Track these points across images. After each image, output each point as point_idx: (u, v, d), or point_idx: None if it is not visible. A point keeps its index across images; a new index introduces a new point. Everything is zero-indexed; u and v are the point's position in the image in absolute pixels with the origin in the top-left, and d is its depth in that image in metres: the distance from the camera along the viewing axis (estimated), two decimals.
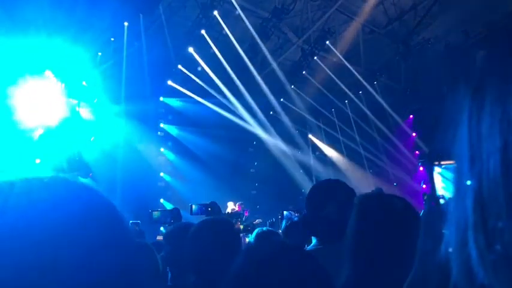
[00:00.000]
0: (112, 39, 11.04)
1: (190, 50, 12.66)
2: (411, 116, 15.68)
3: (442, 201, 0.88)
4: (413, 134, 15.84)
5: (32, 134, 9.74)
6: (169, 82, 13.81)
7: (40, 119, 9.85)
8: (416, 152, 16.14)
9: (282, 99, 15.47)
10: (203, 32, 12.10)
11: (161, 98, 14.26)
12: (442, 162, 0.92)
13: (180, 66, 13.33)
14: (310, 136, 17.24)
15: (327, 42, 13.11)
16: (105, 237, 0.64)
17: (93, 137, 11.63)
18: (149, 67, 12.08)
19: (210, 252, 1.95)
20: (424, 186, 15.91)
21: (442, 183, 0.91)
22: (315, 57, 13.69)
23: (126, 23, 11.23)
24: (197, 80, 13.46)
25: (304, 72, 14.30)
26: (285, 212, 3.36)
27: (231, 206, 9.06)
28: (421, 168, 16.22)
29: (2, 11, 8.22)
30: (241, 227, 6.49)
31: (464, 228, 0.58)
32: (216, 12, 11.62)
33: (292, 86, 14.81)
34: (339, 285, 1.13)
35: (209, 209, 4.12)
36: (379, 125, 14.89)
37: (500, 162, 0.54)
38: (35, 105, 9.67)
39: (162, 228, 7.48)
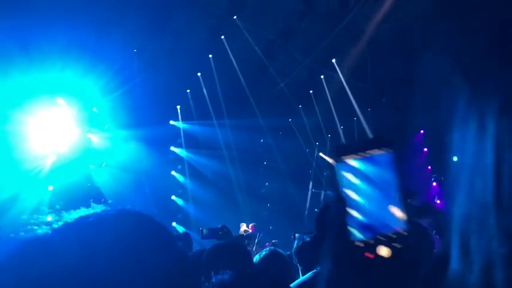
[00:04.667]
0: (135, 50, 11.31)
1: (198, 74, 12.93)
2: (422, 131, 15.56)
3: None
4: (425, 149, 15.69)
5: (45, 160, 9.88)
6: (178, 106, 14.01)
7: (52, 145, 10.00)
8: (429, 167, 15.93)
9: (290, 119, 15.52)
10: (210, 56, 12.38)
11: (171, 122, 14.41)
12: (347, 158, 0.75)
13: (188, 91, 13.56)
14: (321, 154, 17.17)
15: (333, 60, 13.20)
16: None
17: (104, 162, 11.75)
18: (159, 92, 12.25)
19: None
20: (438, 201, 15.63)
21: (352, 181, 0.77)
22: (322, 76, 13.77)
23: (135, 50, 11.45)
24: (206, 103, 13.63)
25: (311, 91, 14.37)
26: (296, 235, 3.36)
27: (243, 228, 9.01)
28: (435, 184, 15.99)
29: (20, 45, 8.47)
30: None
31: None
32: (223, 37, 11.86)
33: (300, 106, 14.87)
34: None
35: (220, 232, 4.11)
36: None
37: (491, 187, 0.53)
38: (47, 132, 9.84)
39: None
